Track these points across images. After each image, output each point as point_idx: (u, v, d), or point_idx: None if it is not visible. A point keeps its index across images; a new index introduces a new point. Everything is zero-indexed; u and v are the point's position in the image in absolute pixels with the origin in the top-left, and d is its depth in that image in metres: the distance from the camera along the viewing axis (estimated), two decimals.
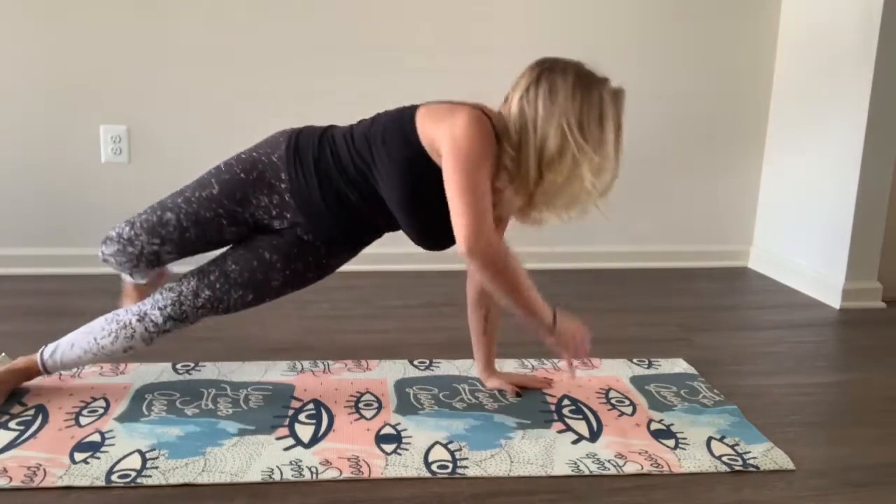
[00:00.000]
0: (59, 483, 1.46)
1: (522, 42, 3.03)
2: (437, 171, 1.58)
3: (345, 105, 2.98)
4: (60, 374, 1.95)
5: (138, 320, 1.70)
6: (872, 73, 2.64)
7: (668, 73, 3.14)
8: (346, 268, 1.87)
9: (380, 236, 1.79)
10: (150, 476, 1.49)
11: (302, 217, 1.68)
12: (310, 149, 1.69)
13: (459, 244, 1.55)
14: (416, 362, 2.12)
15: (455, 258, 1.62)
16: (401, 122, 1.65)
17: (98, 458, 1.55)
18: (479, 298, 1.87)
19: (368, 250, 1.86)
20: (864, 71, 2.68)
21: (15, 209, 2.87)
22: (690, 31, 3.13)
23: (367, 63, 2.95)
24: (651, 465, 1.60)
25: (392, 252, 2.99)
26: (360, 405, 1.83)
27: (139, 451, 1.58)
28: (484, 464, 1.59)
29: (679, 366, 2.16)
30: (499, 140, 1.58)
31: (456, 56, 2.98)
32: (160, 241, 1.72)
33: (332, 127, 1.78)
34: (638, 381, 2.04)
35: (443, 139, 1.55)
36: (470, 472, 1.55)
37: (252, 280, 1.69)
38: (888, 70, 2.65)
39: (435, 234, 1.67)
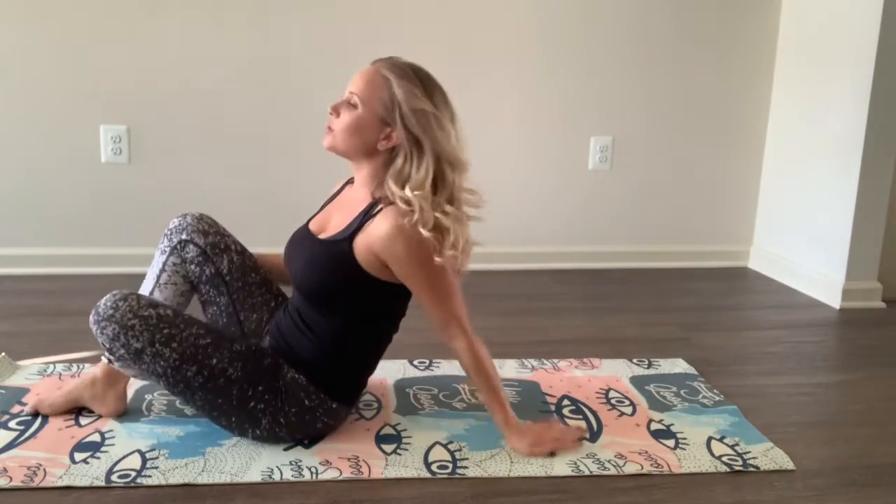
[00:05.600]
0: (59, 483, 1.46)
1: (521, 43, 3.04)
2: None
3: None
4: (60, 375, 1.95)
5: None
6: (872, 72, 2.64)
7: (667, 73, 3.14)
8: None
9: None
10: (150, 476, 1.49)
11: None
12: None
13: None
14: (415, 362, 2.12)
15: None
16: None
17: (98, 458, 1.55)
18: None
19: None
20: (864, 71, 2.68)
21: (15, 209, 2.87)
22: (690, 31, 3.13)
23: (367, 65, 2.95)
24: (651, 465, 1.60)
25: None
26: (360, 405, 1.83)
27: (139, 451, 1.58)
28: (484, 464, 1.59)
29: (679, 366, 2.16)
30: None
31: (455, 59, 2.99)
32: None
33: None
34: (638, 381, 2.04)
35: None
36: (470, 472, 1.55)
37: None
38: (888, 70, 2.65)
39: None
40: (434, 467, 1.57)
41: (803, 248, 3.02)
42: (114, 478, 1.48)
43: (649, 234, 3.29)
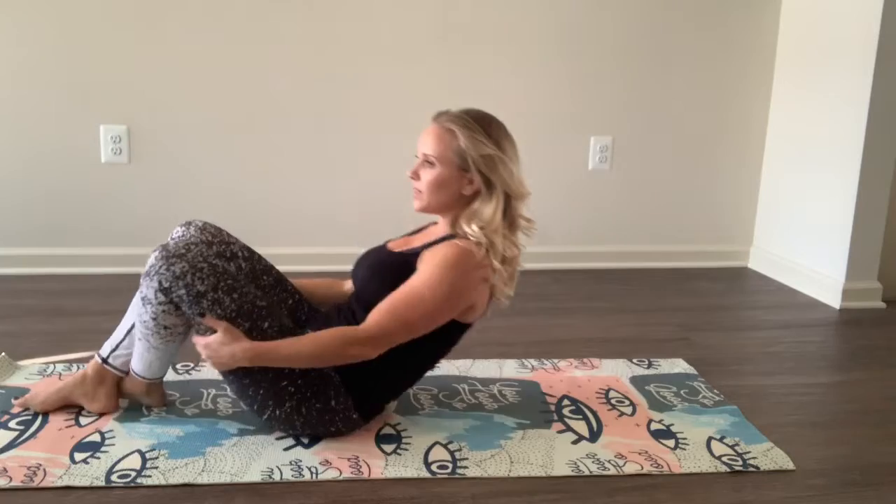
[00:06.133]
0: (59, 483, 1.46)
1: (521, 43, 3.04)
2: None
3: (345, 103, 2.99)
4: (60, 375, 1.95)
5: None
6: (872, 72, 2.64)
7: (668, 73, 3.14)
8: (346, 269, 1.86)
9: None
10: (150, 476, 1.49)
11: None
12: None
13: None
14: None
15: None
16: None
17: (98, 458, 1.55)
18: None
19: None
20: (864, 70, 2.67)
21: (15, 209, 2.87)
22: (690, 31, 3.13)
23: (367, 66, 2.95)
24: (651, 465, 1.60)
25: None
26: None
27: (139, 451, 1.58)
28: (484, 464, 1.59)
29: (679, 366, 2.16)
30: None
31: (455, 59, 2.99)
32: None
33: None
34: (638, 381, 2.04)
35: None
36: (470, 472, 1.55)
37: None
38: (888, 70, 2.65)
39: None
40: (434, 467, 1.57)
41: (803, 248, 3.02)
42: (114, 478, 1.48)
43: (649, 234, 3.29)
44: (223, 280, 1.56)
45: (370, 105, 2.99)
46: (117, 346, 1.73)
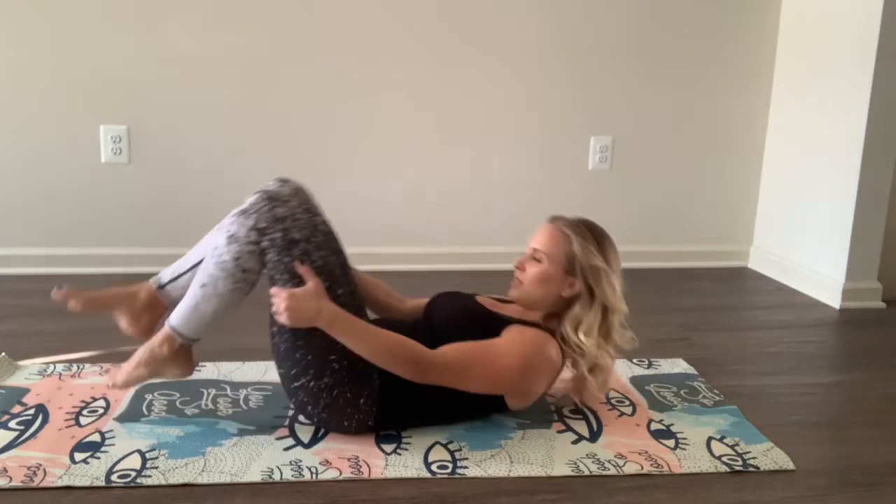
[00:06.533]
0: (59, 483, 1.46)
1: (521, 43, 3.04)
2: None
3: (345, 103, 2.99)
4: (60, 375, 1.95)
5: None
6: (872, 72, 2.64)
7: (668, 73, 3.14)
8: None
9: None
10: (150, 476, 1.49)
11: None
12: None
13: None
14: None
15: (451, 259, 1.63)
16: None
17: (98, 457, 1.55)
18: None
19: (369, 250, 1.86)
20: (864, 70, 2.67)
21: (15, 209, 2.87)
22: (690, 31, 3.13)
23: (368, 65, 2.95)
24: (651, 465, 1.60)
25: (391, 252, 2.99)
26: None
27: (139, 451, 1.58)
28: (484, 464, 1.59)
29: (679, 366, 2.16)
30: None
31: (455, 58, 2.99)
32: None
33: None
34: (638, 381, 2.04)
35: None
36: (470, 472, 1.55)
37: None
38: (888, 70, 2.65)
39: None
40: (434, 467, 1.57)
41: (803, 248, 3.02)
42: (114, 478, 1.48)
43: (649, 234, 3.29)
44: (316, 235, 1.60)
45: (371, 106, 2.99)
46: (178, 277, 1.71)
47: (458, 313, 1.75)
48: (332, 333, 1.55)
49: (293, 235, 1.58)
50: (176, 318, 1.66)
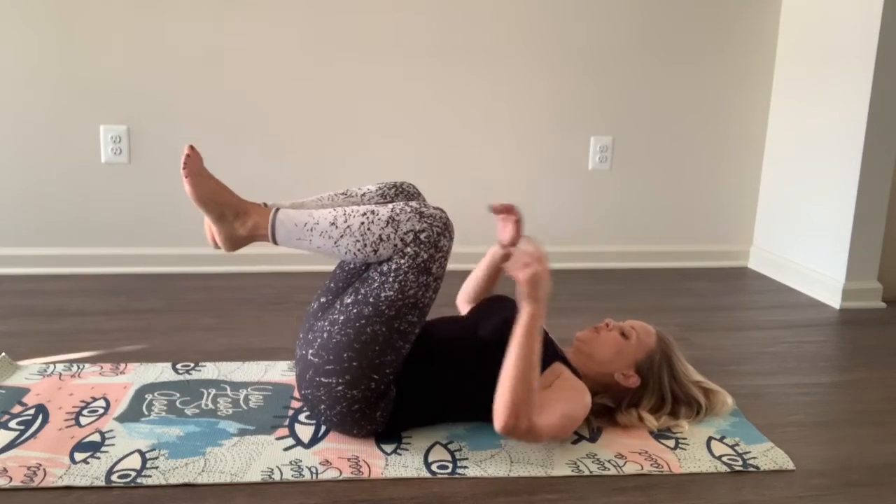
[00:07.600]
0: (59, 483, 1.46)
1: (521, 42, 3.04)
2: None
3: (345, 103, 2.99)
4: (60, 375, 1.95)
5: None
6: (872, 72, 2.65)
7: (667, 73, 3.15)
8: None
9: None
10: (150, 476, 1.49)
11: None
12: None
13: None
14: None
15: (450, 259, 1.63)
16: None
17: (98, 458, 1.55)
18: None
19: None
20: (865, 70, 2.68)
21: (15, 209, 2.87)
22: (690, 31, 3.13)
23: (369, 65, 2.95)
24: (651, 465, 1.60)
25: None
26: None
27: (139, 451, 1.58)
28: (484, 464, 1.59)
29: None
30: None
31: (455, 58, 2.99)
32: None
33: None
34: None
35: None
36: (470, 472, 1.55)
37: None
38: (888, 70, 2.65)
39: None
40: (434, 467, 1.57)
41: (803, 248, 3.02)
42: (114, 478, 1.48)
43: (649, 234, 3.29)
44: (438, 281, 1.60)
45: (371, 106, 2.99)
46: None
47: (503, 327, 1.66)
48: (532, 323, 1.53)
49: (432, 267, 1.56)
50: (283, 223, 1.57)
